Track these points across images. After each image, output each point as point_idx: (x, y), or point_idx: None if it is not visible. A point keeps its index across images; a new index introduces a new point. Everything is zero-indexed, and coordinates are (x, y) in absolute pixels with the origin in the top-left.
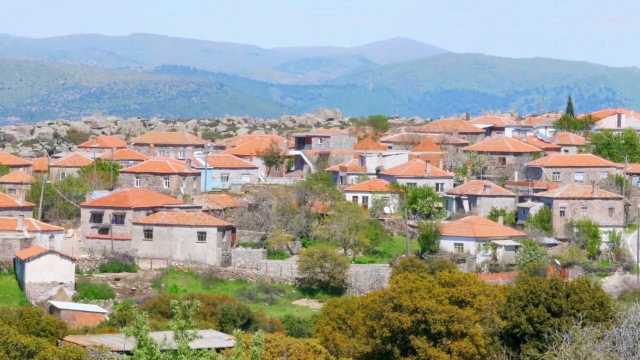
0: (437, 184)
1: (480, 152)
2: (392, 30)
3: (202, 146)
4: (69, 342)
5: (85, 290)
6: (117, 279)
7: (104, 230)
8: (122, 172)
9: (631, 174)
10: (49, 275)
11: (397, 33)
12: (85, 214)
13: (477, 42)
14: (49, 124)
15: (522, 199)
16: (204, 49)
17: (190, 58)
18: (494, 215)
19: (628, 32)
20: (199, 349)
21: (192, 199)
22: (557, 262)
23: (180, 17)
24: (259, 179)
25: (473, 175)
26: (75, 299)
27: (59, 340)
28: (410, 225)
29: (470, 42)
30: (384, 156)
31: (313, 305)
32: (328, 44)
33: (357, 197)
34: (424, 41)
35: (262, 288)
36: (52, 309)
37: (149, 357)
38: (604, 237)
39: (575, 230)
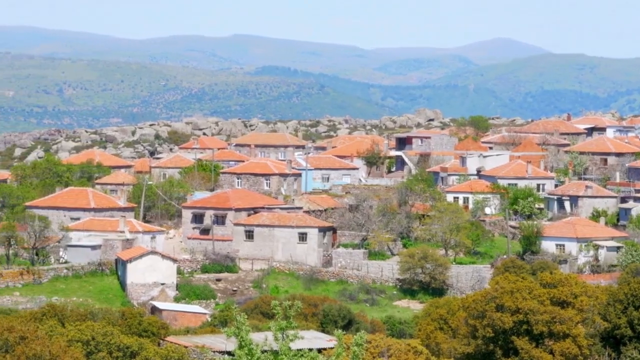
0: (538, 185)
1: (581, 153)
2: (493, 30)
3: (303, 147)
4: (171, 342)
5: (186, 291)
6: (219, 280)
7: (205, 231)
8: (223, 172)
9: None
10: (151, 275)
11: (497, 33)
12: (187, 214)
13: (578, 43)
14: (150, 125)
15: (623, 200)
16: (305, 50)
17: (291, 59)
18: (595, 216)
19: None
20: (300, 350)
21: (293, 199)
22: None
23: (281, 19)
24: (360, 179)
25: (574, 176)
26: (176, 300)
27: (161, 341)
28: (511, 226)
29: (571, 43)
30: (484, 157)
31: (414, 306)
32: (429, 44)
33: (457, 197)
34: (524, 41)
35: (363, 289)
36: (154, 310)
37: (249, 357)
38: None
39: None
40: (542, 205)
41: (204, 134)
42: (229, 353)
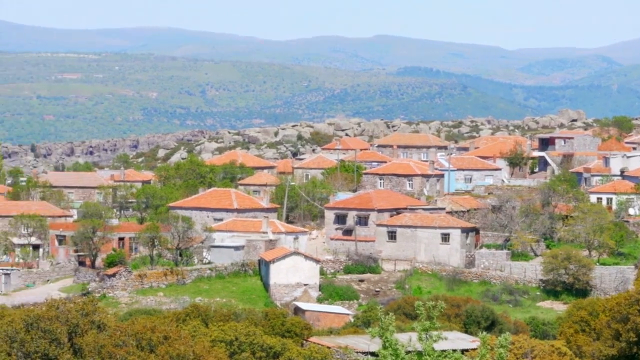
0: None
1: None
2: (636, 30)
3: (445, 147)
4: (314, 343)
5: (329, 292)
6: (361, 281)
7: (348, 232)
8: (366, 173)
9: None
10: (294, 276)
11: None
12: (329, 215)
13: None
14: (293, 126)
15: None
16: (447, 51)
17: (434, 60)
18: None
19: None
20: (444, 351)
21: (436, 200)
22: None
23: (423, 19)
24: (503, 180)
25: None
26: (319, 300)
27: (304, 341)
28: None
29: None
30: (628, 157)
31: (557, 307)
32: (571, 45)
33: (601, 198)
34: None
35: (506, 290)
36: (297, 310)
37: (394, 358)
38: None
39: None
40: None
41: (347, 134)
42: (372, 354)
